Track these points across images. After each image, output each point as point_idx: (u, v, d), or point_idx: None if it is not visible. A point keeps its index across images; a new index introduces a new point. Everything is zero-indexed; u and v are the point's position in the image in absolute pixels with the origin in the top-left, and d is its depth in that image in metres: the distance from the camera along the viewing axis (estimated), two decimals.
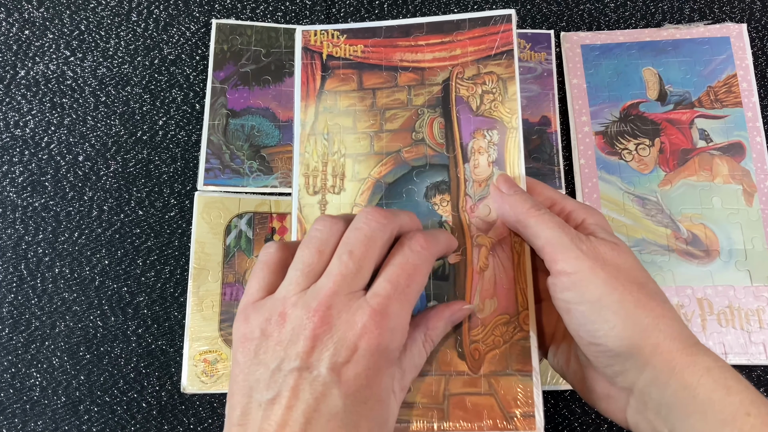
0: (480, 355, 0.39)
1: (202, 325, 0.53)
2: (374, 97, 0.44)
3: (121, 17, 0.62)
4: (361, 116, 0.44)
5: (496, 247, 0.41)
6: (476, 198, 0.42)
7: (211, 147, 0.57)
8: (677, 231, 0.56)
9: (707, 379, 0.32)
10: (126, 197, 0.57)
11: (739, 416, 0.31)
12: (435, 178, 0.43)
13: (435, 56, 0.44)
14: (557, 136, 0.58)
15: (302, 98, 0.44)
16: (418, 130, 0.43)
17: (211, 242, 0.55)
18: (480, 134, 0.43)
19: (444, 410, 0.39)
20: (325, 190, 0.43)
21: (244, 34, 0.61)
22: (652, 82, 0.59)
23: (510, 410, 0.38)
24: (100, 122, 0.59)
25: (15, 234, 0.56)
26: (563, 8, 0.63)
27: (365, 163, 0.43)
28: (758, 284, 0.54)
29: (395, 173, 0.43)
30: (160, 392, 0.53)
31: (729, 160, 0.57)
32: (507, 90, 0.43)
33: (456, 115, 0.43)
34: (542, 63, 0.60)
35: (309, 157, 0.43)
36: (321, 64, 0.45)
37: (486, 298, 0.40)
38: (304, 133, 0.44)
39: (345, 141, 0.44)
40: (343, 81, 0.44)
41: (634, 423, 0.36)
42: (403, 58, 0.44)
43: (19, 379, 0.53)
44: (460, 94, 0.43)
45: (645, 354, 0.33)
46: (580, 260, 0.34)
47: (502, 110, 0.43)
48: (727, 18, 0.62)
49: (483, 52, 0.43)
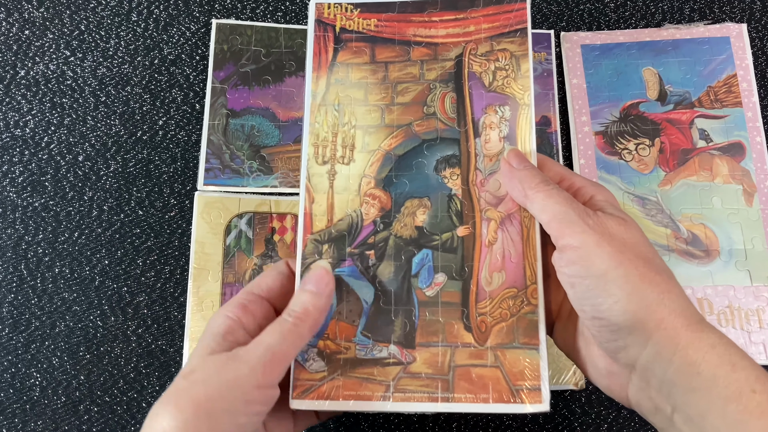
0: (487, 328, 0.39)
1: (202, 325, 0.53)
2: (386, 71, 0.44)
3: (121, 17, 0.62)
4: (372, 89, 0.44)
5: (506, 221, 0.41)
6: (486, 172, 0.42)
7: (211, 147, 0.57)
8: (677, 231, 0.56)
9: (712, 356, 0.31)
10: (126, 197, 0.57)
11: (744, 393, 0.30)
12: (445, 152, 0.43)
13: (448, 32, 0.44)
14: (557, 136, 0.58)
15: (314, 69, 0.44)
16: (430, 104, 0.44)
17: (211, 242, 0.55)
18: (492, 110, 0.43)
19: (449, 381, 0.39)
20: (334, 161, 0.43)
21: (244, 34, 0.61)
22: (652, 82, 0.59)
23: (516, 383, 0.38)
24: (100, 122, 0.59)
25: (15, 234, 0.56)
26: (563, 8, 0.63)
27: (375, 135, 0.43)
28: (758, 284, 0.54)
29: (405, 146, 0.43)
30: (160, 392, 0.53)
31: (729, 160, 0.57)
32: (520, 67, 0.43)
33: (468, 91, 0.43)
34: (542, 63, 0.60)
35: (319, 127, 0.43)
36: (334, 37, 0.45)
37: (494, 272, 0.40)
38: (314, 103, 0.44)
39: (356, 112, 0.44)
40: (356, 54, 0.44)
41: (636, 401, 0.35)
42: (416, 33, 0.44)
43: (19, 379, 0.53)
44: (472, 69, 0.43)
45: (649, 329, 0.33)
46: (587, 234, 0.34)
47: (514, 87, 0.43)
48: (727, 18, 0.62)
49: (497, 29, 0.44)
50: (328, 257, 0.42)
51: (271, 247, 0.55)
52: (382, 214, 0.42)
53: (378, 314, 0.41)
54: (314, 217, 0.42)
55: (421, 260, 0.41)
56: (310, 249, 0.42)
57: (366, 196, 0.42)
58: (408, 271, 0.41)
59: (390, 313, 0.41)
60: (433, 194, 0.42)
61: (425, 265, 0.41)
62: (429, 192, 0.42)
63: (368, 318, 0.41)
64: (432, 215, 0.42)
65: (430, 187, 0.42)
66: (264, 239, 0.56)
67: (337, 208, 0.42)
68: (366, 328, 0.40)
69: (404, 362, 0.40)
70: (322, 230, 0.42)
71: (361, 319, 0.41)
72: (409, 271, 0.41)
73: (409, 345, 0.40)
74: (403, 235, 0.42)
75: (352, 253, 0.42)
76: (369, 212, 0.42)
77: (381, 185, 0.43)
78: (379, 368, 0.39)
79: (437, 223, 0.42)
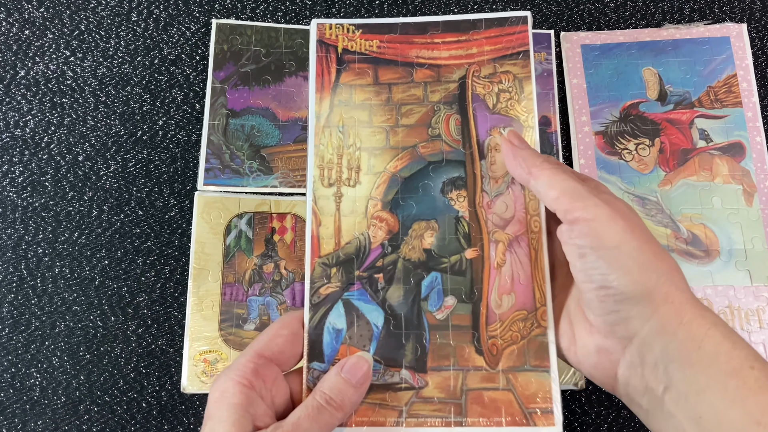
0: (498, 351, 0.39)
1: (202, 325, 0.53)
2: (390, 92, 0.44)
3: (121, 17, 0.62)
4: (376, 110, 0.44)
5: (513, 243, 0.41)
6: (493, 194, 0.42)
7: (211, 147, 0.57)
8: (677, 231, 0.56)
9: (715, 332, 0.32)
10: (126, 197, 0.57)
11: (744, 369, 0.31)
12: (451, 174, 0.43)
13: (451, 54, 0.44)
14: (557, 136, 0.58)
15: (317, 90, 0.44)
16: (435, 126, 0.44)
17: (211, 242, 0.55)
18: (497, 131, 0.43)
19: (462, 405, 0.39)
20: (340, 183, 0.43)
21: (244, 34, 0.61)
22: (652, 82, 0.59)
23: (528, 406, 0.38)
24: (100, 122, 0.59)
25: (15, 234, 0.56)
26: (563, 8, 0.63)
27: (381, 157, 0.43)
28: (758, 284, 0.54)
29: (411, 168, 0.43)
30: (160, 392, 0.53)
31: (729, 160, 0.57)
32: (523, 89, 0.43)
33: (472, 112, 0.43)
34: (542, 63, 0.60)
35: (324, 149, 0.43)
36: (336, 58, 0.45)
37: (503, 294, 0.40)
38: (318, 125, 0.44)
39: (360, 134, 0.44)
40: (359, 75, 0.44)
41: (624, 380, 0.35)
42: (419, 55, 0.44)
43: (19, 379, 0.53)
44: (476, 91, 0.44)
45: (656, 301, 0.33)
46: (600, 208, 0.35)
47: (518, 109, 0.43)
48: (727, 18, 0.62)
49: (499, 51, 0.44)
50: (336, 281, 0.41)
51: (271, 247, 0.55)
52: (390, 237, 0.42)
53: (389, 338, 0.40)
54: (321, 240, 0.42)
55: (431, 283, 0.41)
56: (318, 272, 0.42)
57: (373, 218, 0.42)
58: (417, 294, 0.41)
59: (401, 337, 0.40)
60: (440, 216, 0.42)
61: (435, 288, 0.41)
62: (436, 214, 0.42)
63: (379, 342, 0.40)
64: (440, 238, 0.42)
65: (437, 209, 0.42)
66: (264, 239, 0.56)
67: (344, 231, 0.42)
68: (377, 353, 0.40)
69: (416, 387, 0.39)
70: (330, 253, 0.42)
71: (372, 344, 0.40)
72: (419, 295, 0.41)
73: (420, 369, 0.40)
74: (412, 258, 0.42)
75: (361, 276, 0.41)
76: (377, 235, 0.42)
77: (388, 207, 0.42)
78: (392, 393, 0.39)
79: (445, 245, 0.42)
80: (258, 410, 0.36)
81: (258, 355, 0.38)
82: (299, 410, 0.37)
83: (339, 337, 0.41)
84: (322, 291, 0.41)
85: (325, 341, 0.40)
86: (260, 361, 0.38)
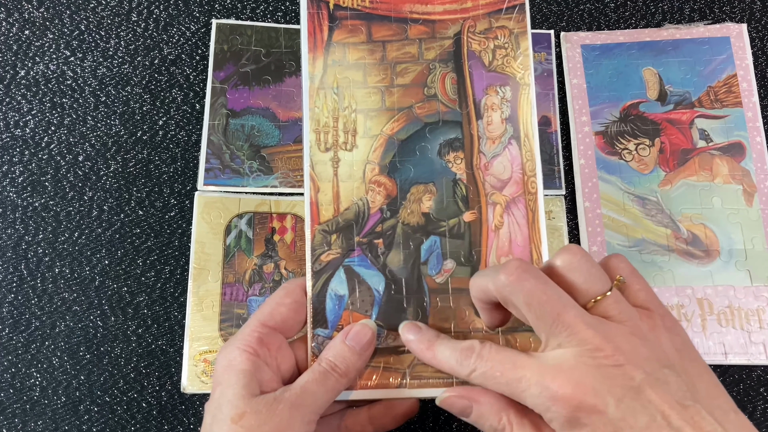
0: None
1: (202, 325, 0.53)
2: (384, 50, 0.43)
3: (121, 17, 0.62)
4: (371, 70, 0.43)
5: (511, 204, 0.41)
6: (490, 155, 0.42)
7: (211, 147, 0.57)
8: (677, 231, 0.56)
9: None
10: (126, 197, 0.57)
11: None
12: (448, 135, 0.42)
13: (445, 8, 0.43)
14: (557, 136, 0.58)
15: (309, 50, 0.43)
16: (430, 85, 0.43)
17: (211, 242, 0.55)
18: (493, 90, 0.42)
19: None
20: (337, 147, 0.42)
21: (244, 34, 0.61)
22: (652, 82, 0.59)
23: None
24: (100, 122, 0.59)
25: (15, 234, 0.56)
26: (563, 8, 0.63)
27: (377, 119, 0.43)
28: (758, 284, 0.54)
29: (408, 130, 0.43)
30: (160, 392, 0.53)
31: (729, 160, 0.57)
32: (519, 45, 0.42)
33: (468, 71, 0.43)
34: (542, 63, 0.60)
35: (319, 112, 0.43)
36: (328, 15, 0.44)
37: (501, 256, 0.41)
38: (312, 86, 0.43)
39: (356, 96, 0.43)
40: (352, 32, 0.43)
41: None
42: (413, 10, 0.43)
43: (19, 379, 0.53)
44: (472, 48, 0.43)
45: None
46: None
47: (514, 66, 0.42)
48: (727, 18, 0.62)
49: (494, 5, 0.43)
50: (337, 247, 0.41)
51: (271, 247, 0.55)
52: (389, 202, 0.42)
53: (390, 303, 0.41)
54: (320, 207, 0.42)
55: (430, 247, 0.41)
56: (318, 240, 0.41)
57: (371, 183, 0.42)
58: (417, 258, 0.41)
59: (402, 302, 0.41)
60: (437, 179, 0.42)
61: (434, 252, 0.41)
62: (434, 177, 0.42)
63: (381, 307, 0.41)
64: (438, 201, 0.42)
65: (434, 172, 0.42)
66: (264, 239, 0.56)
67: (342, 197, 0.42)
68: (379, 318, 0.41)
69: None
70: (329, 220, 0.42)
71: (374, 309, 0.41)
72: (419, 259, 0.41)
73: None
74: (411, 222, 0.42)
75: (361, 242, 0.41)
76: (375, 200, 0.42)
77: (385, 171, 0.42)
78: (395, 356, 0.40)
79: (443, 208, 0.41)
80: (265, 376, 0.37)
81: (262, 324, 0.39)
82: (306, 375, 0.38)
83: (341, 303, 0.41)
84: (323, 258, 0.41)
85: (328, 308, 0.41)
86: (264, 330, 0.39)
